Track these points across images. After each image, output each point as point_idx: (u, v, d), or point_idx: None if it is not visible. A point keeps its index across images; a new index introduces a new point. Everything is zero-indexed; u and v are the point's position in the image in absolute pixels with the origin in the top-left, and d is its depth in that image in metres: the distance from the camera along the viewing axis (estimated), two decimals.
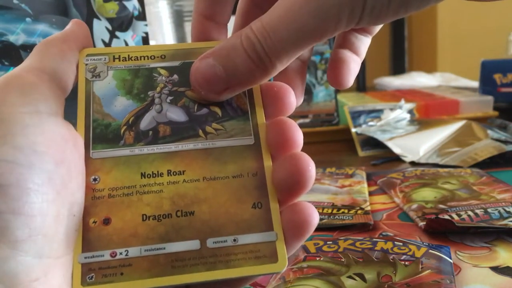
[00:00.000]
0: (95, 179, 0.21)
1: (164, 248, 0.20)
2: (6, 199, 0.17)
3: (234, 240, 0.20)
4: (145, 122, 0.22)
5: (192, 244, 0.20)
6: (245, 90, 0.23)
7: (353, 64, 0.25)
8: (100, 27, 0.43)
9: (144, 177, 0.21)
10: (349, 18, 0.20)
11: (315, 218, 0.20)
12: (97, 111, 0.22)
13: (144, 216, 0.20)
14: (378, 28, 0.26)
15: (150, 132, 0.22)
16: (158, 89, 0.23)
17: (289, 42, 0.20)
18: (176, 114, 0.22)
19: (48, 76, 0.20)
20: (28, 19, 0.39)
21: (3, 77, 0.20)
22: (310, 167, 0.20)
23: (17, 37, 0.38)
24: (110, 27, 0.43)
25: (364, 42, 0.26)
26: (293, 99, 0.23)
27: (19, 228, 0.17)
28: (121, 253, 0.19)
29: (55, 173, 0.18)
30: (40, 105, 0.19)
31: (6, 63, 0.38)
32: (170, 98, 0.23)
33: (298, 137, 0.22)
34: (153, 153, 0.21)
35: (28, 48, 0.39)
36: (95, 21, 0.42)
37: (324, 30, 0.20)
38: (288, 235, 0.20)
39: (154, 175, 0.21)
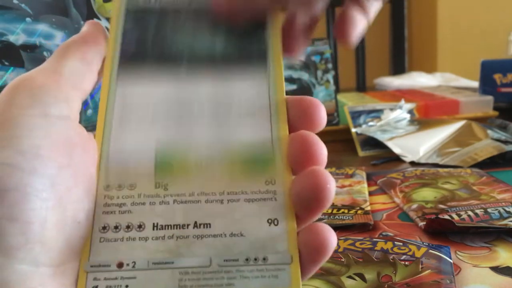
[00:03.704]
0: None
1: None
2: (3, 204, 0.16)
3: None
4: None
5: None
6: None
7: (360, 22, 0.25)
8: None
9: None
10: None
11: (333, 242, 0.19)
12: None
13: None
14: None
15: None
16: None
17: None
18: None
19: (63, 78, 0.20)
20: (28, 19, 0.39)
21: (15, 79, 0.19)
22: (329, 184, 0.19)
23: (17, 37, 0.38)
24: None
25: (373, 4, 0.25)
26: (324, 116, 0.22)
27: (14, 235, 0.16)
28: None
29: (58, 178, 0.18)
30: (50, 107, 0.19)
31: (6, 63, 0.38)
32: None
33: (322, 154, 0.20)
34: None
35: (28, 48, 0.39)
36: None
37: None
38: (304, 259, 0.19)
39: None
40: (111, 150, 0.21)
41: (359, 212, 0.42)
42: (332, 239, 0.19)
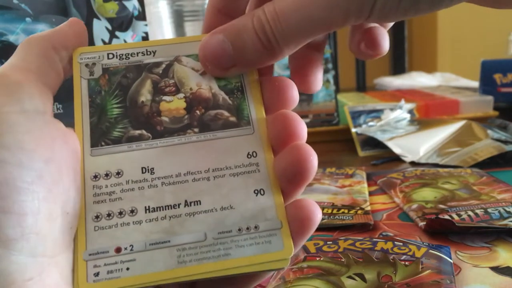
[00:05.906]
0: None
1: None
2: None
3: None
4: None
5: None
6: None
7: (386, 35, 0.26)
8: (100, 27, 0.43)
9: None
10: (358, 14, 0.20)
11: (317, 215, 0.20)
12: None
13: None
14: (390, 24, 0.26)
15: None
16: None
17: (297, 30, 0.21)
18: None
19: (34, 74, 0.20)
20: (28, 19, 0.39)
21: None
22: (312, 157, 0.20)
23: (17, 37, 0.38)
24: (110, 27, 0.43)
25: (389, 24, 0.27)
26: (296, 93, 0.23)
27: (10, 227, 0.17)
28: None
29: (45, 171, 0.18)
30: (26, 103, 0.19)
31: None
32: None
33: (302, 130, 0.22)
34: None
35: None
36: (95, 21, 0.42)
37: (332, 22, 0.21)
38: (291, 232, 0.20)
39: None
40: (93, 142, 0.21)
41: (359, 212, 0.42)
42: (317, 212, 0.20)
